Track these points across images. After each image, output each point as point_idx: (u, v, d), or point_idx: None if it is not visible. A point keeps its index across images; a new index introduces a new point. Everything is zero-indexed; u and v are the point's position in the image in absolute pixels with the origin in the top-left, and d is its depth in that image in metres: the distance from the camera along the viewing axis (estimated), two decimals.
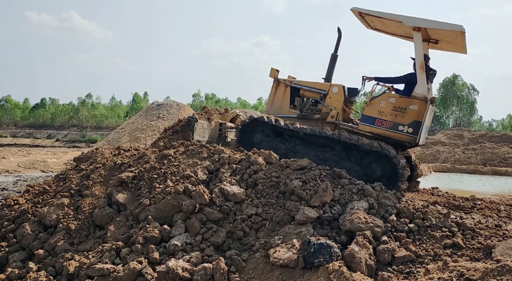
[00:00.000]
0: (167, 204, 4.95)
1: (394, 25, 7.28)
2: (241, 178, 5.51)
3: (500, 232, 4.30)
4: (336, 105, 7.25)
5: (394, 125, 6.49)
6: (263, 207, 5.02)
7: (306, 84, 7.67)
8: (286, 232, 4.53)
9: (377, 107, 6.66)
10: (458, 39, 6.77)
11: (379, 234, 4.34)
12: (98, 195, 5.46)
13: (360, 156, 6.60)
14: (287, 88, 7.73)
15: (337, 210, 4.81)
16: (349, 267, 3.75)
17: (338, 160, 6.52)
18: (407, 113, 6.45)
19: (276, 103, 7.77)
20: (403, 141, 6.59)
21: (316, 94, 7.53)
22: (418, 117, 6.43)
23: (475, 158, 24.32)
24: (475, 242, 4.12)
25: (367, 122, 6.73)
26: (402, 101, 6.54)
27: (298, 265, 3.93)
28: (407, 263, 3.95)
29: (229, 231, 4.72)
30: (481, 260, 3.78)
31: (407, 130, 6.43)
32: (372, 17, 7.16)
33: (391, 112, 6.53)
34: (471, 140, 27.76)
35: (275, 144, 6.88)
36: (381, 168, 6.47)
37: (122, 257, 4.43)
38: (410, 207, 4.84)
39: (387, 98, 6.69)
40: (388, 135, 6.55)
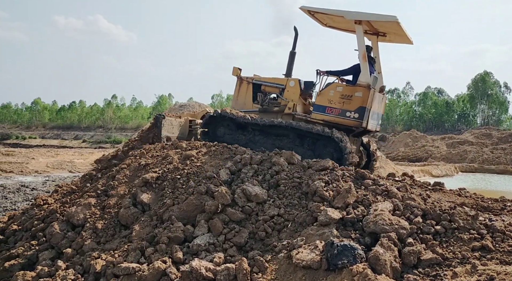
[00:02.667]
0: (190, 205, 5.01)
1: (342, 21, 7.70)
2: (263, 178, 5.52)
3: None
4: (293, 98, 7.74)
5: (342, 111, 7.02)
6: (285, 208, 5.01)
7: (266, 80, 8.19)
8: (309, 233, 4.50)
9: (326, 96, 7.18)
10: (398, 30, 7.29)
11: (404, 236, 4.25)
12: (123, 195, 5.57)
13: (312, 142, 7.16)
14: (249, 84, 8.24)
15: (360, 211, 4.74)
16: (374, 270, 3.69)
17: (293, 147, 6.91)
18: (353, 100, 6.96)
19: (240, 99, 8.29)
20: (351, 126, 7.09)
21: (275, 89, 8.04)
22: (363, 103, 6.91)
23: (505, 158, 23.55)
24: (505, 245, 3.98)
25: (318, 110, 7.23)
26: (348, 89, 7.08)
27: (321, 266, 3.89)
28: (433, 266, 3.85)
29: (251, 231, 4.73)
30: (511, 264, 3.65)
31: (354, 116, 6.95)
32: (323, 15, 7.64)
33: (339, 100, 7.06)
34: (500, 140, 26.90)
35: (237, 136, 7.44)
36: (330, 152, 6.95)
37: (147, 257, 4.51)
38: (437, 208, 4.72)
39: (335, 87, 7.22)
40: (337, 122, 7.07)
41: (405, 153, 30.70)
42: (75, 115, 70.87)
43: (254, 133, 7.41)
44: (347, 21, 7.51)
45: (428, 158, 28.02)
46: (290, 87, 7.84)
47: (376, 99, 7.14)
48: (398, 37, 7.80)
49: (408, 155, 30.02)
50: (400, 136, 35.93)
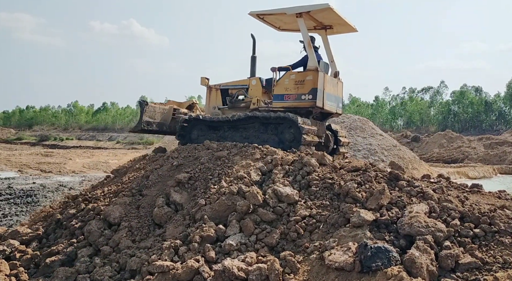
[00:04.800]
0: (222, 205, 5.06)
1: (290, 21, 8.11)
2: (294, 179, 5.50)
3: None
4: (256, 94, 8.33)
5: (298, 96, 7.61)
6: (317, 209, 4.98)
7: (232, 84, 8.77)
8: (341, 235, 4.45)
9: (283, 85, 7.77)
10: (336, 18, 7.81)
11: (441, 239, 4.12)
12: (157, 195, 5.70)
13: (274, 127, 7.68)
14: (217, 91, 8.85)
15: (394, 213, 4.63)
16: (409, 273, 3.60)
17: (259, 135, 7.62)
18: (305, 83, 7.56)
19: (211, 105, 8.90)
20: (307, 107, 7.64)
21: (240, 90, 8.64)
22: (314, 85, 7.48)
23: None
24: None
25: (277, 99, 7.81)
26: (300, 75, 7.69)
27: (354, 268, 3.84)
28: (472, 270, 3.71)
29: (282, 232, 4.73)
30: None
31: (308, 97, 7.53)
32: (272, 17, 8.09)
33: (294, 87, 7.66)
34: None
35: (209, 135, 7.98)
36: (291, 133, 7.38)
37: (180, 255, 4.59)
38: (475, 211, 4.55)
39: (289, 76, 7.79)
40: (295, 106, 7.64)
41: (440, 154, 29.74)
42: (109, 117, 73.09)
43: (224, 130, 8.02)
44: (293, 20, 7.93)
45: (464, 159, 27.03)
46: (253, 86, 8.45)
47: (328, 82, 7.79)
48: (341, 26, 8.34)
49: (443, 156, 29.07)
50: (435, 137, 34.82)
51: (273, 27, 8.71)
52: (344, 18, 7.81)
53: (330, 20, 8.13)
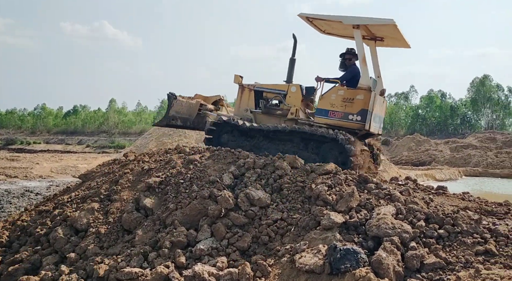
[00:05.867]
0: (193, 209, 5.02)
1: (340, 27, 7.76)
2: (266, 182, 5.53)
3: None
4: (295, 103, 7.79)
5: (344, 115, 7.09)
6: (288, 212, 5.02)
7: (268, 87, 8.25)
8: (312, 237, 4.50)
9: (328, 100, 7.25)
10: (395, 33, 7.36)
11: (407, 240, 4.24)
12: (127, 200, 5.59)
13: (316, 145, 7.21)
14: (251, 91, 8.28)
15: (363, 215, 4.73)
16: (377, 274, 3.68)
17: (297, 151, 7.01)
18: (354, 103, 7.04)
19: (243, 107, 8.34)
20: (354, 129, 7.12)
21: (277, 95, 8.12)
22: (364, 106, 6.98)
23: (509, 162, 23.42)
24: (509, 249, 3.96)
25: (321, 114, 7.30)
26: (350, 93, 7.12)
27: (324, 270, 3.89)
28: (437, 270, 3.83)
29: (254, 236, 4.73)
30: None
31: (356, 118, 7.02)
32: (321, 21, 7.70)
33: (341, 104, 7.13)
34: (505, 144, 26.77)
35: (241, 142, 7.52)
36: (335, 154, 6.98)
37: (150, 261, 4.51)
38: (440, 212, 4.70)
39: (337, 91, 7.26)
40: (340, 125, 7.12)
41: (409, 157, 30.60)
42: (79, 120, 71.19)
43: (258, 139, 7.45)
44: (345, 27, 7.58)
45: (431, 162, 27.91)
46: (292, 93, 7.90)
47: (377, 102, 7.25)
48: (395, 41, 7.89)
49: (412, 159, 29.93)
50: (404, 140, 35.84)
51: (317, 30, 8.19)
52: (403, 34, 7.34)
53: (385, 33, 7.68)
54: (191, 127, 8.75)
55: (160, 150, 6.99)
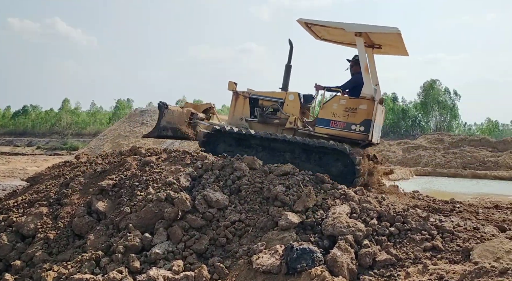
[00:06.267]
0: (148, 212, 4.89)
1: (339, 34, 7.61)
2: (225, 184, 5.50)
3: (478, 234, 4.38)
4: (293, 112, 7.55)
5: (347, 125, 6.88)
6: (246, 213, 5.01)
7: (264, 94, 7.97)
8: (270, 238, 4.53)
9: (330, 109, 7.03)
10: (397, 41, 7.22)
11: (360, 238, 4.37)
12: (78, 204, 5.36)
13: (319, 156, 6.97)
14: (246, 99, 7.98)
15: (319, 215, 4.83)
16: (331, 272, 3.76)
17: (299, 163, 6.78)
18: (357, 113, 6.83)
19: (237, 114, 8.03)
20: (357, 139, 6.94)
21: (274, 103, 7.82)
22: (368, 116, 6.79)
23: (455, 161, 24.81)
24: (454, 245, 4.19)
25: (322, 124, 7.07)
26: (352, 102, 6.93)
27: (281, 270, 3.92)
28: (388, 267, 3.98)
29: (212, 238, 4.69)
30: (459, 263, 3.83)
31: (359, 129, 6.82)
32: (319, 27, 7.50)
33: (343, 113, 6.91)
34: (451, 144, 28.33)
35: (237, 153, 7.05)
36: (339, 165, 6.84)
37: (102, 267, 4.34)
38: (391, 210, 4.89)
39: (338, 100, 7.07)
40: (343, 135, 6.92)
41: None
42: (28, 121, 67.49)
43: (257, 150, 7.16)
44: (344, 34, 7.41)
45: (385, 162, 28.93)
46: (290, 101, 7.62)
47: (378, 111, 7.08)
48: (394, 48, 7.76)
49: None
50: None
51: (314, 35, 7.94)
52: (404, 42, 7.17)
53: (385, 41, 7.51)
54: (182, 137, 8.38)
55: (115, 151, 6.75)
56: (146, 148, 6.62)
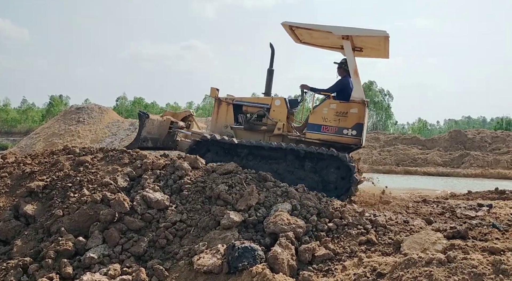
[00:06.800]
0: (82, 214, 4.63)
1: (322, 37, 7.62)
2: (165, 184, 5.35)
3: (407, 227, 4.67)
4: (280, 117, 7.42)
5: (338, 129, 6.82)
6: (188, 213, 4.92)
7: (248, 100, 7.81)
8: (211, 238, 4.49)
9: (320, 114, 6.94)
10: (381, 44, 7.28)
11: (301, 235, 4.48)
12: (3, 207, 4.94)
13: (313, 163, 6.79)
14: (229, 106, 7.76)
15: (262, 213, 4.87)
16: (272, 269, 3.80)
17: (293, 170, 6.68)
18: (348, 117, 6.80)
19: (220, 122, 7.78)
20: (349, 144, 6.90)
21: (259, 109, 7.63)
22: (359, 120, 6.80)
23: (390, 159, 26.31)
24: (386, 238, 4.43)
25: (313, 129, 6.95)
26: (343, 106, 6.88)
27: (222, 270, 3.90)
28: (326, 261, 4.11)
29: (151, 240, 4.54)
30: (391, 255, 4.06)
31: (351, 133, 6.78)
32: (302, 31, 7.41)
33: (334, 118, 6.84)
34: (386, 143, 29.99)
35: (226, 161, 6.80)
36: (335, 173, 6.73)
37: (30, 274, 4.04)
38: (330, 207, 5.06)
39: (329, 105, 6.98)
40: (334, 140, 6.84)
41: None
42: None
43: (247, 158, 6.94)
44: (327, 37, 7.41)
45: None
46: (276, 107, 7.46)
47: (366, 114, 7.09)
48: (375, 51, 7.78)
49: None
50: None
51: (295, 38, 7.83)
52: (389, 46, 7.19)
53: (367, 44, 7.45)
54: (161, 148, 7.92)
55: (46, 151, 6.31)
56: (81, 147, 6.27)
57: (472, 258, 3.17)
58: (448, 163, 24.82)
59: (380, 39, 7.02)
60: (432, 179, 18.86)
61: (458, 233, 4.48)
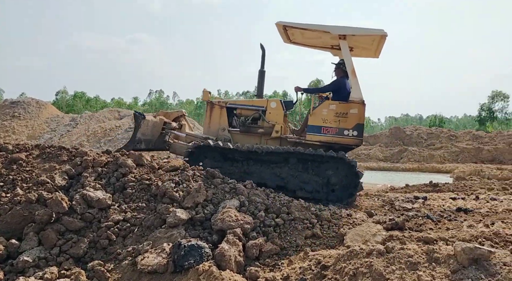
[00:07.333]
0: (15, 216, 4.30)
1: (314, 37, 7.60)
2: (108, 182, 5.13)
3: (350, 220, 4.85)
4: (277, 120, 7.33)
5: (339, 130, 6.77)
6: (132, 212, 4.75)
7: (242, 103, 7.70)
8: (157, 237, 4.36)
9: (320, 116, 6.87)
10: (374, 44, 7.33)
11: (248, 231, 4.48)
12: None
13: (316, 165, 6.70)
14: (223, 109, 7.61)
15: (209, 210, 4.82)
16: (219, 266, 3.77)
17: (296, 174, 6.62)
18: (349, 117, 6.76)
19: (214, 126, 7.61)
20: (351, 144, 6.88)
21: (254, 112, 7.52)
22: (360, 120, 6.79)
23: None
24: (330, 231, 4.57)
25: (313, 131, 6.88)
26: (342, 107, 6.83)
27: (167, 269, 3.80)
28: (273, 256, 4.15)
29: (92, 240, 4.33)
30: (335, 247, 4.19)
31: (352, 134, 6.76)
32: (294, 30, 7.36)
33: (334, 119, 6.80)
34: None
35: (226, 168, 6.72)
36: (340, 175, 6.66)
37: None
38: (277, 202, 5.12)
39: (328, 106, 6.92)
40: (335, 141, 6.80)
41: None
42: None
43: (248, 163, 6.74)
44: (319, 37, 7.32)
45: None
46: (272, 109, 7.33)
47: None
48: (365, 51, 7.76)
49: None
50: None
51: (285, 38, 7.67)
52: (383, 45, 7.14)
53: (358, 43, 7.39)
54: (153, 149, 7.57)
55: None
56: (14, 144, 5.83)
57: (408, 248, 3.34)
58: (389, 158, 26.20)
59: (375, 39, 7.06)
60: (374, 173, 19.79)
61: (396, 224, 4.74)
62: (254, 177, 6.49)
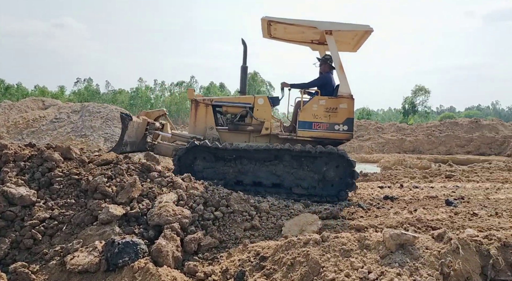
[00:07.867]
0: None
1: (297, 32, 7.59)
2: (32, 177, 4.74)
3: (288, 211, 4.97)
4: (265, 116, 7.25)
5: (330, 125, 6.82)
6: (59, 209, 4.44)
7: (228, 100, 7.59)
8: (88, 234, 4.12)
9: (310, 111, 6.88)
10: (355, 39, 7.45)
11: (187, 225, 4.40)
12: None
13: (311, 161, 6.70)
14: (208, 107, 7.43)
15: (145, 205, 4.64)
16: (156, 262, 3.66)
17: (292, 171, 6.64)
18: (339, 112, 6.82)
19: (200, 124, 7.42)
20: (342, 139, 6.93)
21: (241, 109, 7.39)
22: (349, 114, 6.85)
23: None
24: (269, 223, 4.64)
25: (304, 127, 6.88)
26: (332, 102, 6.87)
27: (100, 268, 3.61)
28: (211, 250, 4.12)
29: (14, 240, 3.99)
30: (273, 238, 4.27)
31: (343, 128, 6.82)
32: (278, 25, 7.28)
33: (324, 114, 6.83)
34: None
35: (219, 168, 6.55)
36: (336, 170, 6.70)
37: None
38: (216, 195, 5.09)
39: (318, 101, 6.93)
40: (327, 136, 6.84)
41: None
42: None
43: (242, 162, 6.65)
44: (302, 32, 7.27)
45: None
46: (260, 105, 7.18)
47: None
48: (345, 45, 7.80)
49: None
50: None
51: (266, 33, 7.55)
52: (367, 39, 7.18)
53: (341, 39, 7.36)
54: (137, 151, 7.14)
55: None
56: None
57: (342, 236, 3.49)
58: None
59: (357, 33, 7.15)
60: None
61: (331, 214, 4.95)
62: (248, 175, 6.65)
